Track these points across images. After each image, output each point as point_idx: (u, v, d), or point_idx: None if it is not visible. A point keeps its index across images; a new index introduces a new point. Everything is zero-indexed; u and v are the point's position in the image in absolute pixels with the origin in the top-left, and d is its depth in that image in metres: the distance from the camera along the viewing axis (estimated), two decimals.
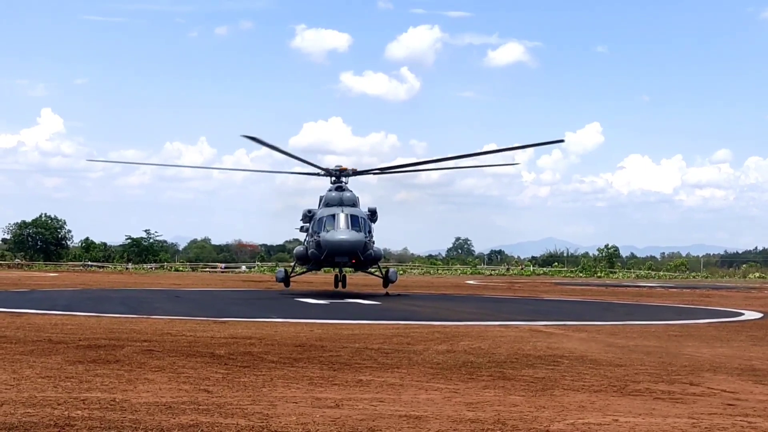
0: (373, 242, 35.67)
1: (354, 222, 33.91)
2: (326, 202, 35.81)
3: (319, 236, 33.96)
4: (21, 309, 22.47)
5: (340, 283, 38.31)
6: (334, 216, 34.03)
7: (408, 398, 9.19)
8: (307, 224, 36.81)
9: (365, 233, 34.17)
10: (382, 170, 40.87)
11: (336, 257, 34.20)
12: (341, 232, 33.48)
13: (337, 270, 38.33)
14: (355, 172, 37.93)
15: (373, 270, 37.51)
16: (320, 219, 34.54)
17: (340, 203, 35.12)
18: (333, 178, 37.22)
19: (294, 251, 38.11)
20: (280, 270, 40.16)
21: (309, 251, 35.53)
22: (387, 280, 37.31)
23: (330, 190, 36.59)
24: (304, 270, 38.92)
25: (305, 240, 37.12)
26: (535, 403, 9.04)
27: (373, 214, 36.24)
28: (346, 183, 36.98)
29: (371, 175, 41.00)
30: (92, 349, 13.00)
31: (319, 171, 38.11)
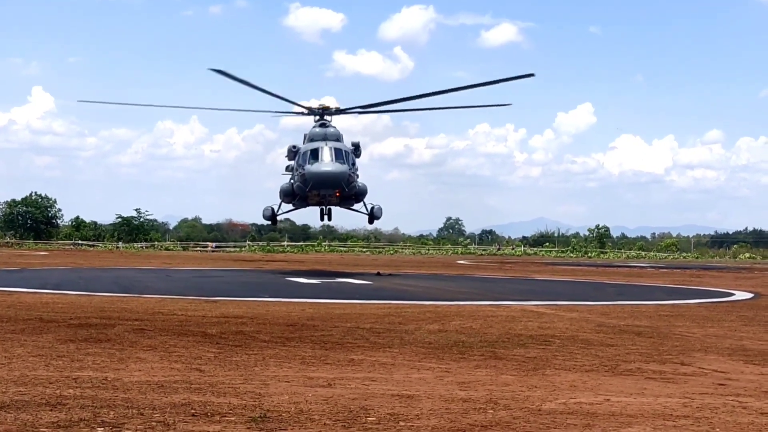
0: (358, 176, 35.82)
1: (338, 154, 34.13)
2: (310, 137, 36.02)
3: (303, 169, 34.17)
4: (11, 288, 22.43)
5: (326, 216, 38.17)
6: (318, 149, 34.21)
7: (400, 377, 9.20)
8: (293, 161, 36.86)
9: (349, 165, 34.37)
10: (364, 109, 40.33)
11: (321, 189, 34.46)
12: (325, 164, 33.72)
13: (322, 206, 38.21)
14: (338, 111, 37.93)
15: (358, 207, 37.64)
16: (304, 153, 34.75)
17: (324, 138, 35.25)
18: (317, 117, 37.30)
19: (280, 188, 37.94)
20: (267, 207, 39.69)
21: (294, 185, 35.74)
22: (372, 217, 37.68)
23: (314, 127, 36.74)
24: (291, 207, 38.91)
25: (291, 176, 37.12)
26: (526, 382, 9.05)
27: (356, 149, 36.53)
28: (329, 120, 37.06)
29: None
30: (83, 328, 12.98)
31: (303, 110, 38.05)
